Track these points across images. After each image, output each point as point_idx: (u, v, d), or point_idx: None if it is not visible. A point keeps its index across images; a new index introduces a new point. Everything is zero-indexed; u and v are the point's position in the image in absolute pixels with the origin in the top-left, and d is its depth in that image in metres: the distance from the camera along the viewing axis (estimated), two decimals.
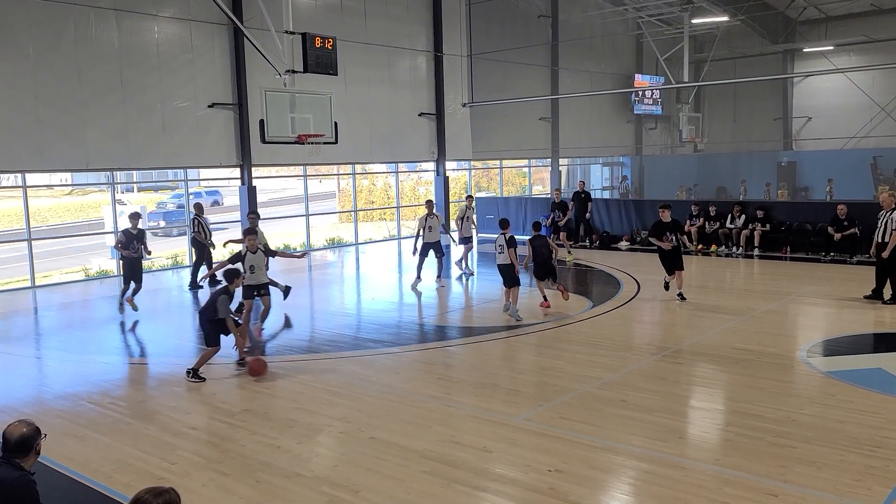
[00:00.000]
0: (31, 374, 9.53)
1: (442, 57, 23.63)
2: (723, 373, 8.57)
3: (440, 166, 24.32)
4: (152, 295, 15.35)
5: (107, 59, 16.25)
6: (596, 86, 29.74)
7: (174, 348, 10.62)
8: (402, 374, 8.89)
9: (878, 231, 12.24)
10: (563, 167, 30.30)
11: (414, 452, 6.33)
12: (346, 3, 20.87)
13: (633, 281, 14.69)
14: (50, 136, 15.45)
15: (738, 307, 11.94)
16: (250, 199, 19.12)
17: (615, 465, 6.05)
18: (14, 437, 4.02)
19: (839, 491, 5.41)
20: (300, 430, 7.00)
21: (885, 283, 12.05)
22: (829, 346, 9.63)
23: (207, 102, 18.06)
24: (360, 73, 21.00)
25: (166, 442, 6.77)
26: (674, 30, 29.63)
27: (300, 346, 10.40)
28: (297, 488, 5.73)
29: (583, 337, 10.37)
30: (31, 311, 13.76)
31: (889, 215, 11.99)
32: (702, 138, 32.33)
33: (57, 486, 5.87)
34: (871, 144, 28.81)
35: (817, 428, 6.62)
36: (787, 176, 29.47)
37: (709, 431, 6.82)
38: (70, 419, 7.45)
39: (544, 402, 7.57)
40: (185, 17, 17.58)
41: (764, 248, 17.77)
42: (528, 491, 5.56)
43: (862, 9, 28.60)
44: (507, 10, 26.10)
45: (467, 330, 11.49)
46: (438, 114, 23.87)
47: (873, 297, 12.13)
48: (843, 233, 16.16)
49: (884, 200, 12.30)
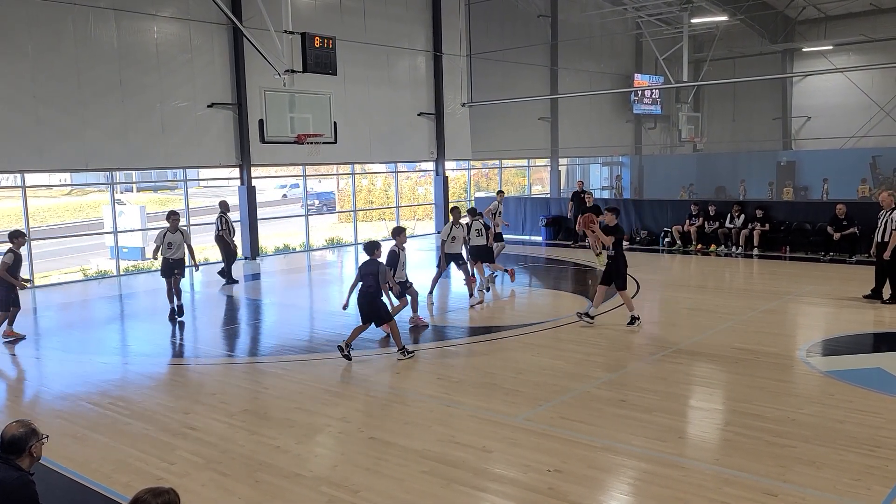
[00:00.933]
0: (31, 374, 9.53)
1: (441, 57, 23.63)
2: (722, 372, 8.57)
3: (439, 166, 24.32)
4: (152, 295, 15.35)
5: (106, 58, 16.25)
6: (595, 85, 29.74)
7: (174, 348, 10.62)
8: (401, 374, 8.89)
9: (878, 231, 12.24)
10: (562, 167, 30.30)
11: (413, 452, 6.33)
12: (345, 2, 20.86)
13: (633, 281, 14.66)
14: (49, 136, 15.45)
15: (737, 307, 11.94)
16: (250, 198, 19.13)
17: (615, 464, 6.05)
18: (5, 437, 4.02)
19: (839, 490, 5.41)
20: (299, 430, 6.99)
21: (884, 282, 12.05)
22: (828, 346, 9.64)
23: (207, 102, 18.06)
24: (359, 73, 21.00)
25: (166, 442, 6.77)
26: (673, 29, 29.63)
27: (299, 346, 10.40)
28: (296, 488, 5.73)
29: (582, 337, 10.36)
30: (31, 312, 13.75)
31: (889, 215, 11.98)
32: (701, 138, 32.34)
33: (56, 487, 5.87)
34: (870, 144, 28.82)
35: (817, 427, 6.62)
36: (787, 176, 29.47)
37: (708, 431, 6.82)
38: (69, 419, 7.45)
39: (544, 402, 7.57)
40: (185, 17, 17.58)
41: (763, 247, 17.78)
42: (528, 491, 5.56)
43: (861, 8, 28.61)
44: (506, 9, 26.10)
45: (467, 330, 11.48)
46: (438, 114, 23.87)
47: (872, 296, 12.13)
48: (843, 232, 16.18)
49: (883, 200, 12.28)
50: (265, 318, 12.79)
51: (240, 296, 14.70)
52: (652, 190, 31.49)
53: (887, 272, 12.00)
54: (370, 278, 9.20)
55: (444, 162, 24.37)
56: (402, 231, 10.79)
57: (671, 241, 19.27)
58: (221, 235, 15.65)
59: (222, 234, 15.58)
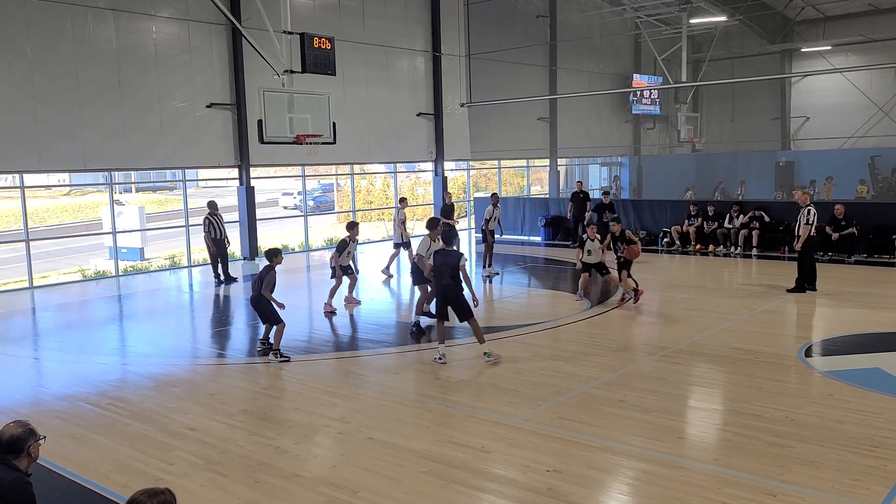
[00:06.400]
0: (30, 374, 9.51)
1: (440, 57, 23.64)
2: (721, 373, 8.58)
3: (438, 166, 24.32)
4: (151, 295, 15.35)
5: (105, 59, 16.24)
6: (594, 86, 29.75)
7: (173, 348, 10.61)
8: (400, 375, 8.89)
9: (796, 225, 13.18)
10: (561, 167, 30.30)
11: (412, 453, 6.33)
12: (344, 3, 20.86)
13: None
14: (48, 136, 15.44)
15: (736, 307, 11.95)
16: (248, 199, 19.12)
17: (614, 465, 6.05)
18: (4, 437, 4.01)
19: (838, 491, 5.41)
20: (298, 430, 6.99)
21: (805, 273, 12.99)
22: (827, 346, 9.64)
23: (206, 102, 18.05)
24: (358, 74, 21.00)
25: (164, 442, 6.76)
26: (672, 30, 29.62)
27: (299, 346, 10.39)
28: (295, 489, 5.73)
29: (581, 337, 10.37)
30: (30, 312, 13.74)
31: (803, 210, 12.84)
32: (700, 138, 32.34)
33: (55, 487, 5.87)
34: (868, 144, 28.84)
35: (815, 428, 6.63)
36: (786, 176, 29.48)
37: (707, 431, 6.82)
38: (68, 420, 7.44)
39: (543, 403, 7.57)
40: (183, 17, 17.57)
41: (762, 247, 17.79)
42: (527, 491, 5.56)
43: (860, 9, 28.63)
44: (505, 9, 26.10)
45: (466, 330, 11.48)
46: (437, 114, 23.88)
47: (796, 289, 12.96)
48: (841, 232, 16.21)
49: (799, 198, 13.23)
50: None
51: (238, 296, 14.68)
52: (651, 190, 31.50)
53: (800, 264, 12.98)
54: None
55: (443, 162, 24.37)
56: (354, 225, 12.63)
57: (670, 241, 19.28)
58: (208, 236, 15.57)
59: (206, 235, 15.54)
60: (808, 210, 12.81)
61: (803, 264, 13.04)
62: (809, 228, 12.74)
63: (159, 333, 11.63)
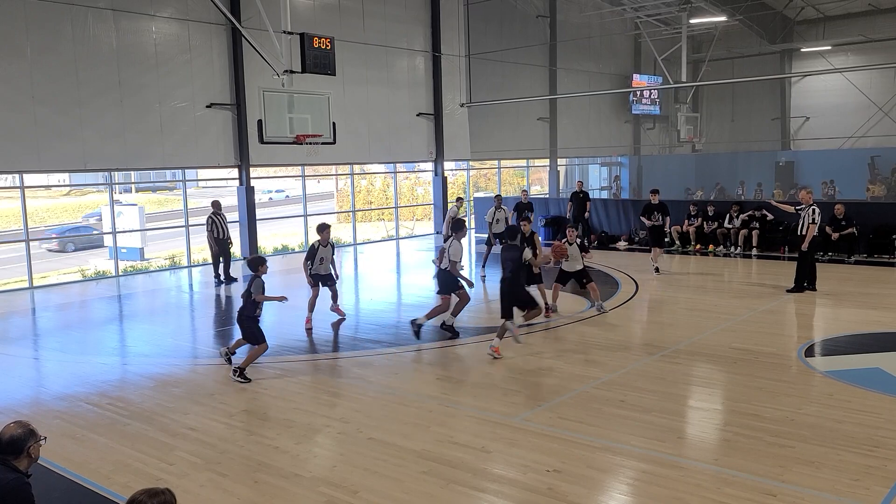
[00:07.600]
0: (29, 375, 9.51)
1: (440, 57, 23.63)
2: (721, 373, 8.57)
3: (438, 166, 24.32)
4: (151, 295, 15.35)
5: (104, 59, 16.23)
6: (594, 86, 29.75)
7: (173, 348, 10.61)
8: (400, 375, 8.89)
9: (799, 226, 13.13)
10: (561, 167, 30.30)
11: (412, 453, 6.33)
12: (343, 3, 20.86)
13: (632, 281, 14.69)
14: (47, 136, 15.43)
15: (736, 307, 11.95)
16: (248, 199, 19.12)
17: (614, 465, 6.05)
18: (4, 437, 4.00)
19: (838, 491, 5.41)
20: (298, 430, 6.99)
21: (805, 274, 13.02)
22: (827, 346, 9.64)
23: (205, 103, 18.05)
24: (358, 74, 20.99)
25: (164, 443, 6.76)
26: (672, 30, 29.62)
27: (298, 346, 10.39)
28: (295, 489, 5.73)
29: (581, 337, 10.37)
30: (29, 312, 13.74)
31: (806, 210, 12.81)
32: (700, 138, 32.34)
33: (55, 488, 5.86)
34: (868, 144, 28.85)
35: (815, 428, 6.62)
36: (785, 176, 29.48)
37: (707, 431, 6.82)
38: (68, 420, 7.44)
39: (543, 403, 7.57)
40: (183, 18, 17.57)
41: (762, 247, 17.79)
42: (527, 491, 5.56)
43: (860, 9, 28.63)
44: (505, 10, 26.10)
45: (466, 330, 11.48)
46: (437, 114, 23.87)
47: (795, 289, 12.94)
48: (841, 232, 16.22)
49: (802, 197, 13.27)
50: (264, 319, 12.73)
51: (238, 296, 14.66)
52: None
53: (800, 264, 12.96)
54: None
55: (443, 162, 24.36)
56: (325, 228, 11.30)
57: (670, 241, 19.25)
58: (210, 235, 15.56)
59: (209, 234, 15.52)
60: (812, 210, 12.79)
61: (803, 264, 13.03)
62: (814, 228, 12.73)
63: (159, 334, 11.63)
